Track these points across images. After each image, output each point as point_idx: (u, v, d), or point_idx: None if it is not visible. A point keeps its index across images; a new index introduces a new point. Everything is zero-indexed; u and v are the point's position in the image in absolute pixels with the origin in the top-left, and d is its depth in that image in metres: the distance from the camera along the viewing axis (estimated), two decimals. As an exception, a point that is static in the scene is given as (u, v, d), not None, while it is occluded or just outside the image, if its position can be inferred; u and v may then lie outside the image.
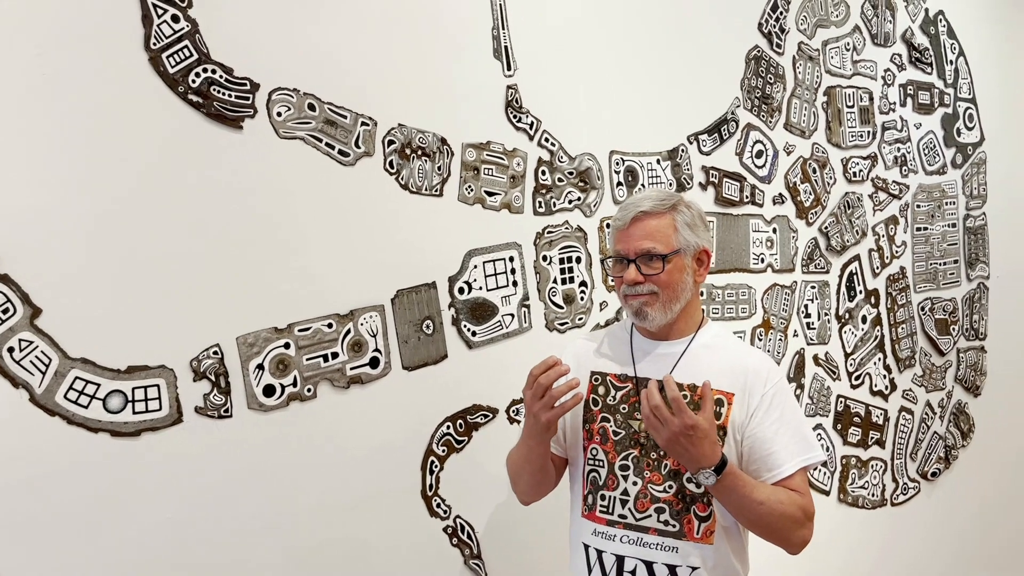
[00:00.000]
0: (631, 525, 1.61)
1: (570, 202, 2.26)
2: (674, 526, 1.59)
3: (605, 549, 1.63)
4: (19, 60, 1.45)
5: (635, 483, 1.62)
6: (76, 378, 1.49)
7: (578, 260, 2.28)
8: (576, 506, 1.72)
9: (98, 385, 1.52)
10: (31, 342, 1.45)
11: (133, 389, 1.56)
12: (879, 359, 3.20)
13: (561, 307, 2.25)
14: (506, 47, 2.11)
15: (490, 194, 2.09)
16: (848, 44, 3.05)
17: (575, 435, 1.72)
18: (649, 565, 1.59)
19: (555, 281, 2.24)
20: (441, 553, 2.02)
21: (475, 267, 2.07)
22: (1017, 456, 3.79)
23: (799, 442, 1.60)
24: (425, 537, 1.99)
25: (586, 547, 1.66)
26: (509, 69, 2.12)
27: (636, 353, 1.69)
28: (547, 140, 2.20)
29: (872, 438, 3.17)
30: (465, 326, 2.04)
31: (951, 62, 3.45)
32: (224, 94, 1.66)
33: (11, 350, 1.43)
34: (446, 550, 2.03)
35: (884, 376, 3.22)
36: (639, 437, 1.63)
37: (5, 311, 1.42)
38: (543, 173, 2.20)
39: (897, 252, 3.26)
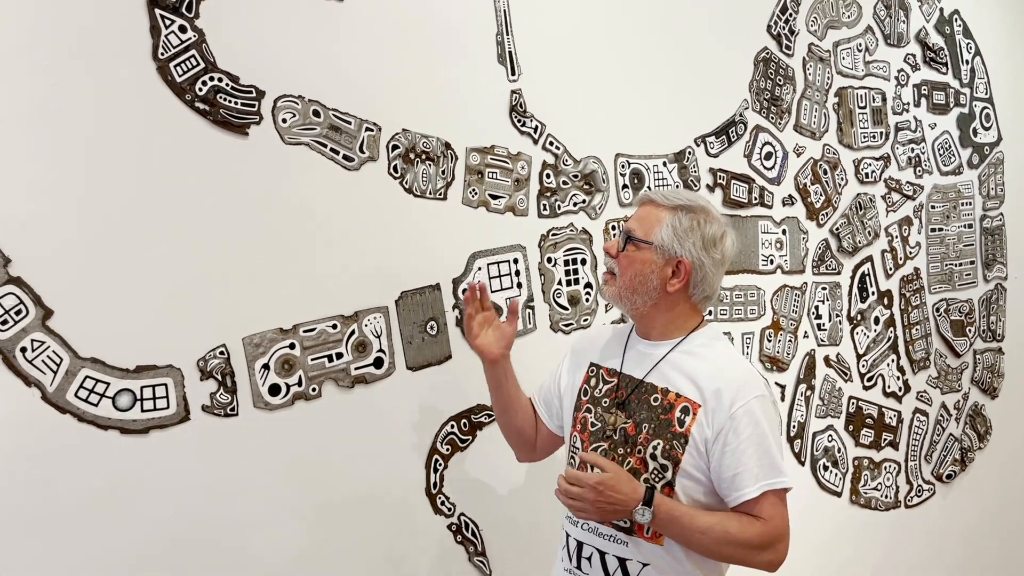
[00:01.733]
0: None
1: (575, 205, 2.29)
2: (625, 522, 1.59)
3: (571, 534, 1.69)
4: (31, 70, 1.50)
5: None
6: (86, 377, 1.55)
7: (583, 262, 2.31)
8: None
9: (108, 384, 1.58)
10: (43, 342, 1.50)
11: (142, 388, 1.61)
12: (892, 360, 3.19)
13: (566, 308, 2.28)
14: (510, 52, 2.14)
15: (494, 197, 2.12)
16: (860, 45, 3.04)
17: (568, 422, 1.77)
18: (603, 555, 1.62)
19: (560, 283, 2.26)
20: (445, 550, 2.06)
21: (479, 269, 2.10)
22: (1036, 459, 3.75)
23: (765, 466, 1.54)
24: (429, 535, 2.03)
25: (566, 532, 1.71)
26: (513, 74, 2.15)
27: (628, 351, 1.71)
28: (552, 144, 2.23)
29: (885, 440, 3.16)
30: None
31: (967, 62, 3.43)
32: (230, 101, 1.71)
33: (23, 350, 1.49)
34: (450, 547, 2.06)
35: (898, 378, 3.21)
36: (609, 431, 1.65)
37: (18, 312, 1.48)
38: (548, 176, 2.23)
39: (911, 253, 3.25)
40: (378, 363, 1.93)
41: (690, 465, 1.56)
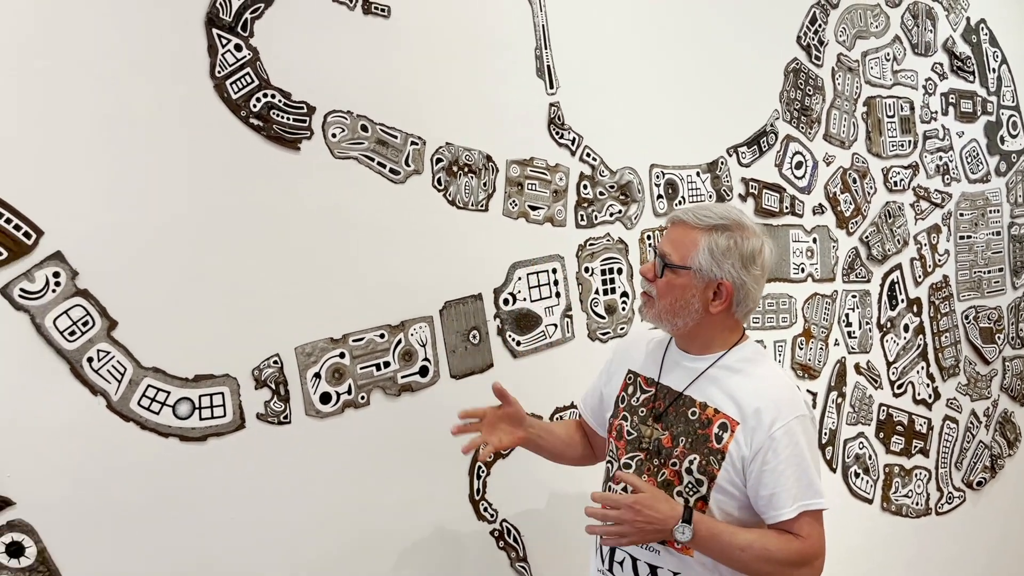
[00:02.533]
0: None
1: (611, 215, 2.32)
2: None
3: None
4: (98, 88, 1.56)
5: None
6: (148, 386, 1.60)
7: (619, 271, 2.34)
8: None
9: (168, 392, 1.62)
10: (108, 352, 1.56)
11: (200, 396, 1.66)
12: (922, 368, 3.20)
13: (603, 317, 2.31)
14: (549, 66, 2.18)
15: (533, 208, 2.16)
16: (888, 55, 3.06)
17: (606, 426, 1.81)
18: (635, 561, 1.66)
19: (597, 292, 2.30)
20: (488, 556, 2.09)
21: (519, 279, 2.14)
22: (1066, 466, 3.75)
23: (803, 487, 1.54)
24: (473, 540, 2.07)
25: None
26: (551, 87, 2.19)
27: (666, 361, 1.73)
28: (588, 155, 2.27)
29: (915, 447, 3.18)
30: (510, 336, 2.12)
31: (994, 70, 3.44)
32: (283, 117, 1.76)
33: (90, 360, 1.54)
34: (493, 552, 2.10)
35: (927, 385, 3.22)
36: (644, 443, 1.67)
37: (85, 324, 1.53)
38: (585, 187, 2.27)
39: (940, 261, 3.26)
40: (423, 371, 1.97)
41: (725, 481, 1.56)
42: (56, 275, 1.50)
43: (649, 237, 2.40)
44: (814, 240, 2.84)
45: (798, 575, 1.54)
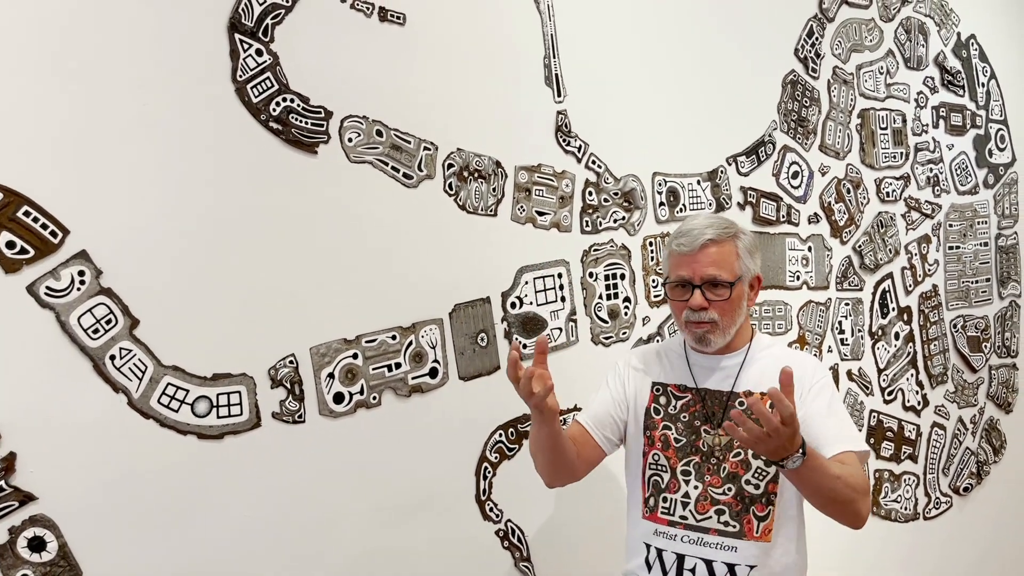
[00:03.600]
0: (692, 526, 1.71)
1: (615, 221, 2.37)
2: (734, 527, 1.68)
3: (666, 548, 1.73)
4: (120, 92, 1.58)
5: (696, 487, 1.72)
6: (168, 384, 1.62)
7: (622, 277, 2.39)
8: (636, 508, 1.82)
9: (187, 391, 1.65)
10: (130, 350, 1.58)
11: (218, 395, 1.69)
12: (912, 375, 3.27)
13: (606, 321, 2.35)
14: (557, 75, 2.23)
15: (541, 214, 2.20)
16: (882, 68, 3.13)
17: (635, 441, 1.82)
18: (709, 564, 1.69)
19: (601, 297, 2.34)
20: (493, 555, 2.13)
21: (526, 283, 2.18)
22: (1049, 472, 3.83)
23: (846, 430, 1.66)
24: (478, 540, 2.10)
25: (647, 546, 1.77)
26: (559, 96, 2.24)
27: (694, 368, 1.79)
28: (594, 162, 2.31)
29: (905, 453, 3.24)
30: (517, 339, 2.15)
31: (983, 84, 3.53)
32: (301, 121, 1.79)
33: (112, 358, 1.56)
34: (498, 552, 2.13)
35: (917, 392, 3.29)
36: (699, 444, 1.73)
37: (108, 322, 1.55)
38: (590, 194, 2.31)
39: (930, 270, 3.33)
40: (433, 373, 2.00)
41: None
42: (81, 274, 1.52)
43: (651, 244, 2.45)
44: (809, 249, 2.90)
45: (865, 503, 1.59)
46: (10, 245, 1.46)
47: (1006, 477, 3.66)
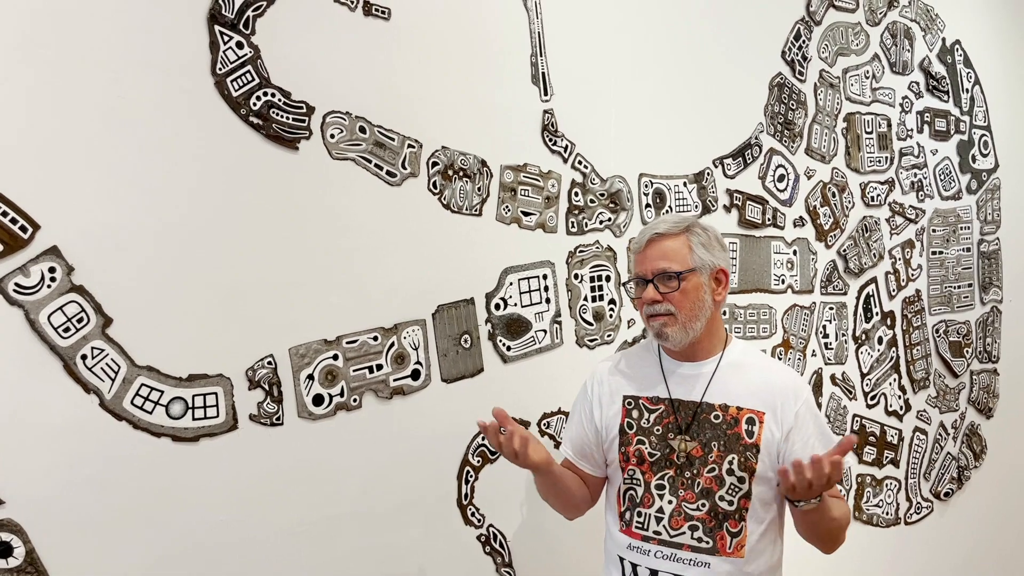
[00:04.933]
0: (665, 541, 1.68)
1: (601, 223, 2.34)
2: (707, 542, 1.66)
3: (640, 563, 1.70)
4: (95, 84, 1.53)
5: (670, 501, 1.68)
6: (142, 385, 1.57)
7: (607, 279, 2.36)
8: (613, 521, 1.79)
9: (161, 392, 1.60)
10: (102, 350, 1.53)
11: (193, 396, 1.64)
12: (894, 380, 3.27)
13: (591, 324, 2.32)
14: (543, 73, 2.20)
15: (526, 214, 2.17)
16: (867, 72, 3.13)
17: (612, 457, 1.78)
18: None
19: (585, 299, 2.31)
20: (474, 561, 2.09)
21: (511, 284, 2.14)
22: (1028, 478, 3.85)
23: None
24: (459, 545, 2.06)
25: (621, 560, 1.74)
26: (546, 94, 2.21)
27: (666, 375, 1.76)
28: (580, 163, 2.28)
29: (887, 457, 3.24)
30: (500, 341, 2.12)
31: (967, 90, 3.53)
32: (282, 116, 1.75)
33: (84, 357, 1.51)
34: (479, 558, 2.10)
35: (899, 396, 3.29)
36: (674, 457, 1.69)
37: (80, 320, 1.50)
38: (576, 194, 2.28)
39: (913, 275, 3.33)
40: (415, 375, 1.97)
41: (764, 470, 1.65)
42: (52, 270, 1.47)
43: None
44: (794, 252, 2.89)
45: (842, 538, 1.71)
46: (-23, 240, 1.41)
47: (987, 482, 3.67)
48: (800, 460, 1.50)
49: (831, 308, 3.03)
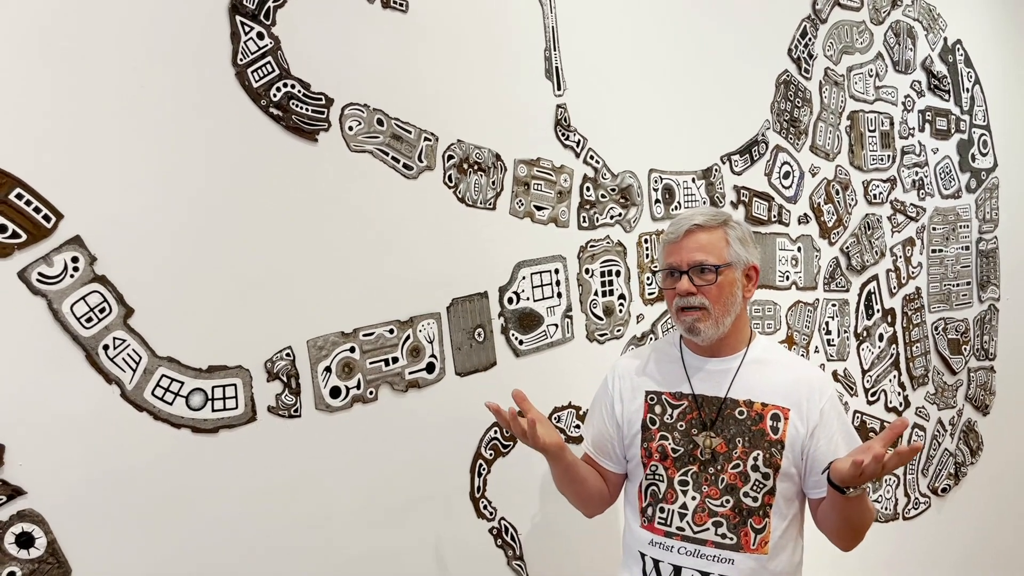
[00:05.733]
0: (689, 537, 1.69)
1: (612, 218, 2.35)
2: (731, 539, 1.66)
3: (663, 559, 1.70)
4: (117, 74, 1.52)
5: (693, 497, 1.69)
6: (163, 376, 1.57)
7: (618, 274, 2.37)
8: (633, 516, 1.79)
9: (182, 383, 1.59)
10: (124, 340, 1.52)
11: (213, 388, 1.63)
12: (894, 376, 3.30)
13: (601, 319, 2.33)
14: (557, 68, 2.20)
15: (539, 208, 2.18)
16: (871, 71, 3.15)
17: (634, 452, 1.78)
18: (705, 575, 1.67)
19: (596, 293, 2.32)
20: (486, 553, 2.10)
21: (523, 278, 2.15)
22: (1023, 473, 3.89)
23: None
24: (472, 537, 2.07)
25: (643, 556, 1.74)
26: (559, 89, 2.21)
27: (690, 370, 1.76)
28: (592, 158, 2.29)
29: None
30: (513, 335, 2.13)
31: (967, 90, 3.56)
32: (302, 108, 1.75)
33: (106, 347, 1.50)
34: (491, 550, 2.10)
35: (899, 393, 3.31)
36: (697, 453, 1.70)
37: (102, 310, 1.50)
38: (588, 189, 2.29)
39: (913, 273, 3.36)
40: (430, 368, 1.97)
41: (788, 467, 1.65)
42: (75, 260, 1.46)
43: (646, 241, 2.43)
44: (799, 249, 2.91)
45: (863, 536, 1.68)
46: (1, 229, 1.40)
47: (983, 478, 3.70)
48: (878, 447, 1.43)
49: (834, 305, 3.05)
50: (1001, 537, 3.79)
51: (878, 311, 3.23)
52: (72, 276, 1.46)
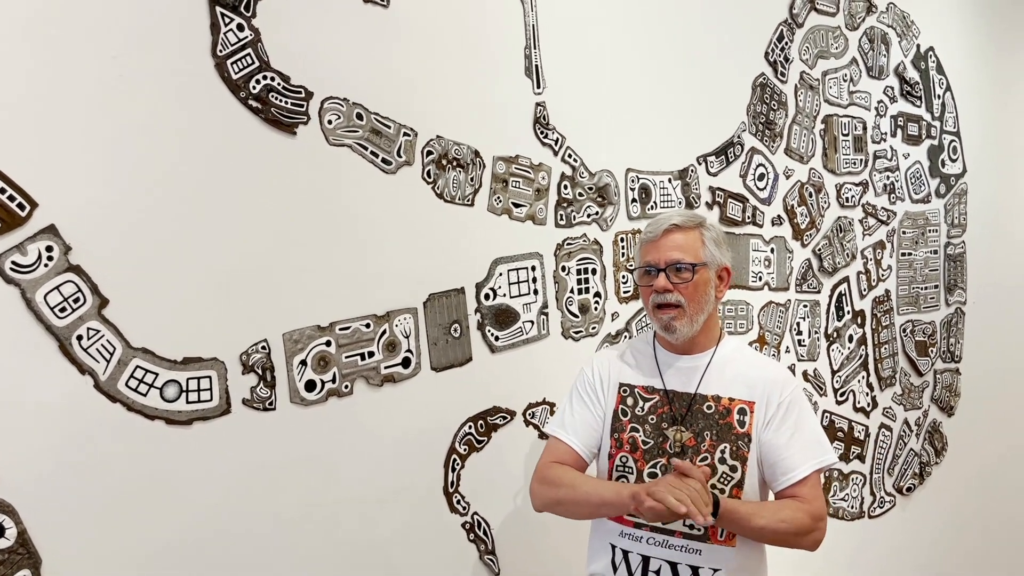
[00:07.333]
0: (657, 528, 1.71)
1: (589, 216, 2.36)
2: (699, 530, 1.69)
3: (631, 550, 1.73)
4: (97, 63, 1.51)
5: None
6: (137, 367, 1.56)
7: (594, 272, 2.38)
8: None
9: (156, 374, 1.59)
10: (98, 331, 1.51)
11: (187, 380, 1.63)
12: (863, 377, 3.35)
13: (576, 316, 2.35)
14: (537, 66, 2.21)
15: (517, 205, 2.19)
16: (846, 75, 3.19)
17: (604, 443, 1.81)
18: (674, 566, 1.70)
19: (572, 291, 2.34)
20: (458, 548, 2.10)
21: (500, 275, 2.16)
22: (986, 474, 3.96)
23: (813, 446, 1.70)
24: (445, 532, 2.07)
25: (612, 547, 1.76)
26: (539, 87, 2.22)
27: (662, 367, 1.80)
28: (570, 156, 2.30)
29: (853, 453, 3.32)
30: (489, 331, 2.14)
31: (939, 96, 3.62)
32: (281, 101, 1.74)
33: (80, 338, 1.49)
34: (463, 545, 2.11)
35: (867, 394, 3.37)
36: (666, 446, 1.73)
37: (76, 300, 1.48)
38: (565, 187, 2.30)
39: (883, 276, 3.41)
40: (406, 363, 1.97)
41: (754, 459, 1.69)
42: (49, 249, 1.45)
43: (622, 240, 2.45)
44: (772, 250, 2.94)
45: (807, 540, 1.66)
46: (-26, 216, 1.38)
47: (947, 478, 3.78)
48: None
49: (805, 306, 3.09)
50: (965, 535, 3.87)
51: (848, 313, 3.27)
52: (46, 265, 1.45)
